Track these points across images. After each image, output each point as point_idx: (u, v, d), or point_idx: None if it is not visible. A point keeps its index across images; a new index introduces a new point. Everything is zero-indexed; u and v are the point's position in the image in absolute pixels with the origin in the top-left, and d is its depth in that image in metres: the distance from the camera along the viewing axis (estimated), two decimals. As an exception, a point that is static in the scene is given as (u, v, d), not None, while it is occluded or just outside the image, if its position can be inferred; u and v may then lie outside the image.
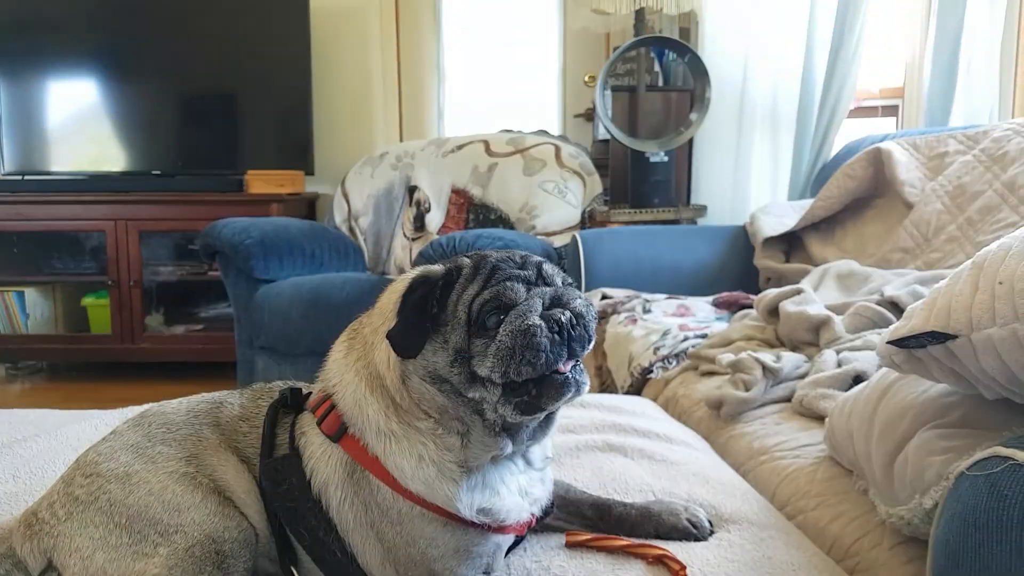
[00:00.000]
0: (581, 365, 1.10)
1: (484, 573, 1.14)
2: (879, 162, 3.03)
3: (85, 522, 1.09)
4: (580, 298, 1.10)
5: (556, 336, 1.04)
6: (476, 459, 1.10)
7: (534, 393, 1.05)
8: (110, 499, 1.09)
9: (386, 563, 1.10)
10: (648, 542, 1.27)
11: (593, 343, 1.10)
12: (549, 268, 1.13)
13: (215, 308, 5.11)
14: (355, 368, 1.14)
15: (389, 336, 1.07)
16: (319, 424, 1.14)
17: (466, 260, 1.12)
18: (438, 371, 1.07)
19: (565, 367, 1.06)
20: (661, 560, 1.22)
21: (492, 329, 1.05)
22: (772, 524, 1.37)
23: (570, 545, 1.29)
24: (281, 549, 1.14)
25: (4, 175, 4.97)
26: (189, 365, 4.79)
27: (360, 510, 1.10)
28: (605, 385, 2.90)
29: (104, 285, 4.81)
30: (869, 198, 3.12)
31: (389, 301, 1.14)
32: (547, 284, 1.11)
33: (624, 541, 1.28)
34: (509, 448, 1.11)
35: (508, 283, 1.07)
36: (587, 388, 1.09)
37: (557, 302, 1.07)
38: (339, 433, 1.12)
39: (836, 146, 3.93)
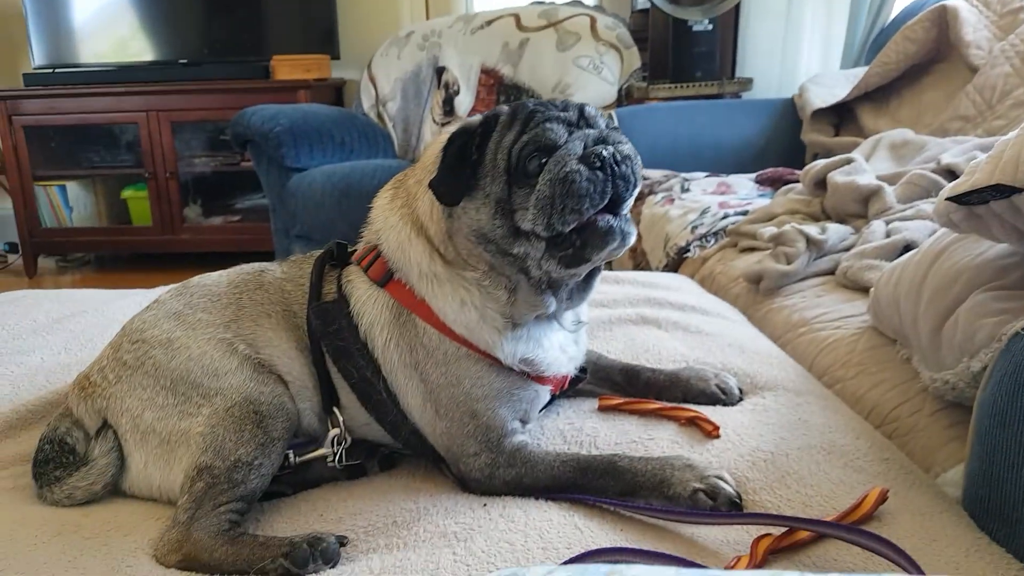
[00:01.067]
0: (627, 214, 1.06)
1: (520, 421, 1.16)
2: (943, 22, 2.80)
3: (134, 385, 1.14)
4: (626, 142, 1.05)
5: (599, 174, 1.00)
6: (521, 317, 1.11)
7: (578, 244, 1.03)
8: (155, 363, 1.14)
9: (427, 404, 1.13)
10: (681, 405, 1.26)
11: (639, 188, 1.06)
12: (592, 110, 1.09)
13: (250, 199, 5.14)
14: (399, 213, 1.16)
15: (431, 184, 1.06)
16: (365, 272, 1.17)
17: (504, 107, 1.09)
18: (482, 229, 1.06)
19: (610, 212, 1.03)
20: (693, 422, 1.21)
21: (533, 176, 1.02)
22: (809, 390, 1.34)
23: (603, 409, 1.29)
24: (325, 390, 1.17)
25: (35, 68, 4.95)
26: (228, 255, 4.85)
27: (405, 351, 1.13)
28: (640, 267, 2.86)
29: (142, 177, 4.84)
30: (929, 63, 2.92)
31: (431, 154, 1.14)
32: (590, 126, 1.06)
33: (656, 404, 1.27)
34: (552, 306, 1.12)
35: (547, 124, 1.03)
36: (633, 238, 1.06)
37: (601, 142, 1.03)
38: (385, 279, 1.15)
39: (897, 7, 3.65)
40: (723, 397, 1.30)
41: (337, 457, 1.16)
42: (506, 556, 0.95)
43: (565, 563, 0.91)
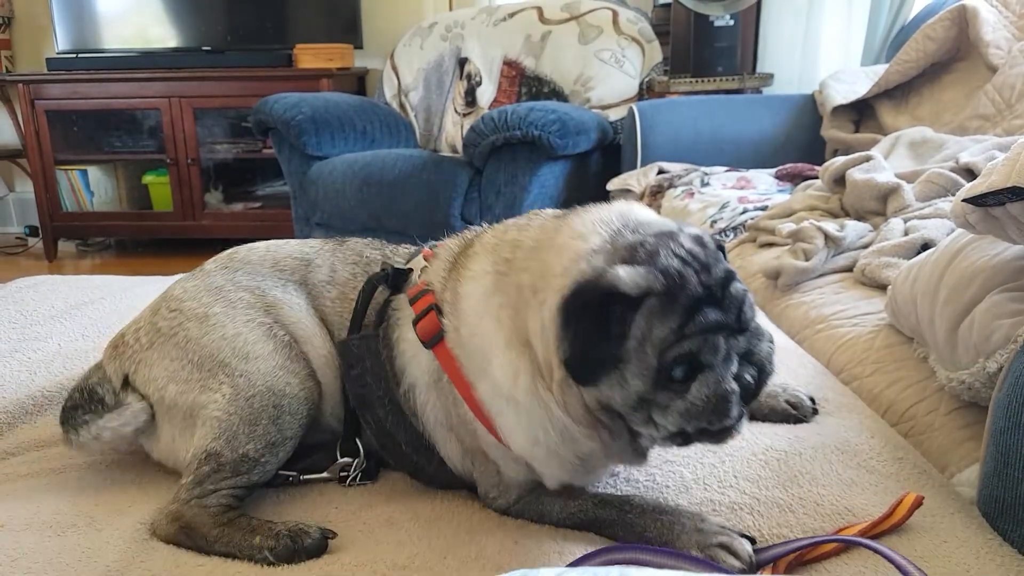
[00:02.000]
0: (745, 411, 0.96)
1: None
2: (963, 21, 2.78)
3: (163, 354, 1.14)
4: (767, 342, 0.96)
5: (742, 400, 0.92)
6: (597, 462, 1.05)
7: (693, 435, 0.94)
8: (187, 336, 1.14)
9: (465, 459, 1.11)
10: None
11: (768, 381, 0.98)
12: (748, 308, 0.94)
13: (271, 186, 5.17)
14: (497, 316, 1.00)
15: (567, 363, 0.91)
16: (415, 323, 1.08)
17: (655, 280, 0.89)
18: (612, 406, 0.94)
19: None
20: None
21: (680, 382, 0.90)
22: (825, 388, 1.35)
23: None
24: (349, 421, 1.17)
25: (58, 53, 4.99)
26: (248, 242, 4.87)
27: (440, 413, 1.09)
28: (659, 260, 2.85)
29: (163, 163, 4.89)
30: (949, 62, 2.90)
31: (556, 266, 0.95)
32: (742, 327, 0.93)
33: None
34: (641, 464, 1.06)
35: (711, 337, 0.89)
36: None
37: (747, 355, 0.93)
38: (434, 340, 1.05)
39: (917, 6, 3.63)
40: (794, 412, 1.25)
41: (348, 481, 1.16)
42: (520, 558, 0.96)
43: (574, 563, 0.91)
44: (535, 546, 0.97)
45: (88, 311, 1.76)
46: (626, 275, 0.89)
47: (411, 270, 1.17)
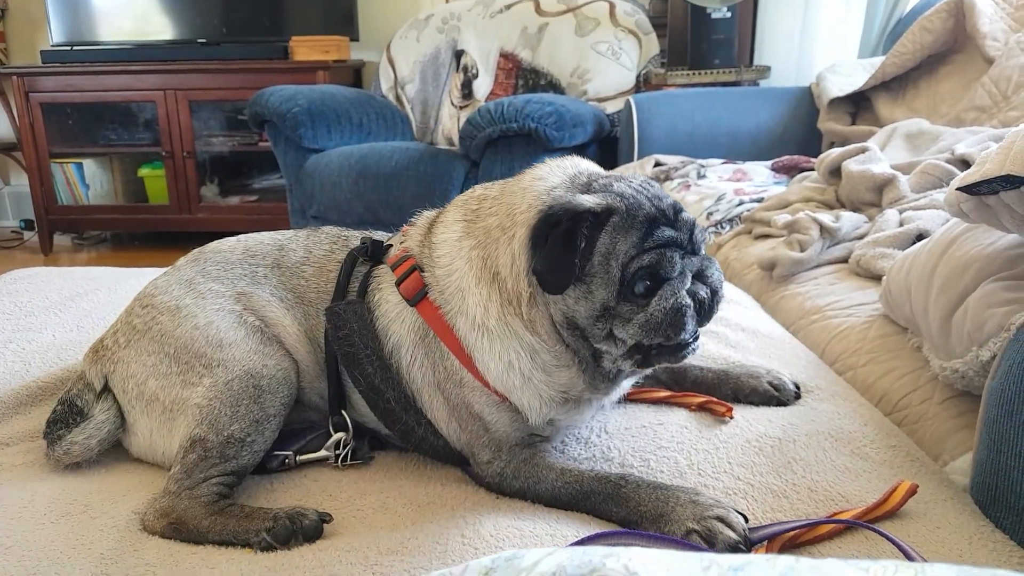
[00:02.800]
0: (699, 330, 1.07)
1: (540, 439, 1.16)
2: (960, 13, 2.78)
3: (140, 350, 1.15)
4: (717, 268, 1.07)
5: (697, 315, 1.03)
6: (575, 391, 1.11)
7: (655, 352, 1.05)
8: (161, 330, 1.15)
9: (451, 419, 1.13)
10: (690, 392, 1.27)
11: (718, 312, 1.09)
12: (699, 233, 1.08)
13: (268, 179, 5.16)
14: (468, 256, 1.11)
15: (536, 272, 1.01)
16: (397, 284, 1.15)
17: (616, 201, 1.02)
18: (576, 320, 1.04)
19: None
20: (704, 407, 1.22)
21: (641, 296, 1.01)
22: (819, 377, 1.35)
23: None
24: (335, 392, 1.18)
25: (53, 46, 4.97)
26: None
27: (428, 371, 1.13)
28: (655, 252, 2.86)
29: (159, 156, 4.88)
30: (945, 54, 2.90)
31: (520, 201, 1.08)
32: (695, 249, 1.06)
33: (666, 392, 1.28)
34: (612, 392, 1.13)
35: (667, 251, 1.02)
36: (699, 348, 1.08)
37: (700, 275, 1.05)
38: (418, 297, 1.12)
39: (913, -2, 3.63)
40: (776, 395, 1.27)
41: (340, 459, 1.17)
42: (514, 540, 0.96)
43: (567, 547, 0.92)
44: (529, 528, 0.97)
45: (82, 302, 1.76)
46: (589, 198, 1.02)
47: (391, 244, 1.22)
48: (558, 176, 1.09)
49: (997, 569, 0.47)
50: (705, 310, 1.04)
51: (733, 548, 0.92)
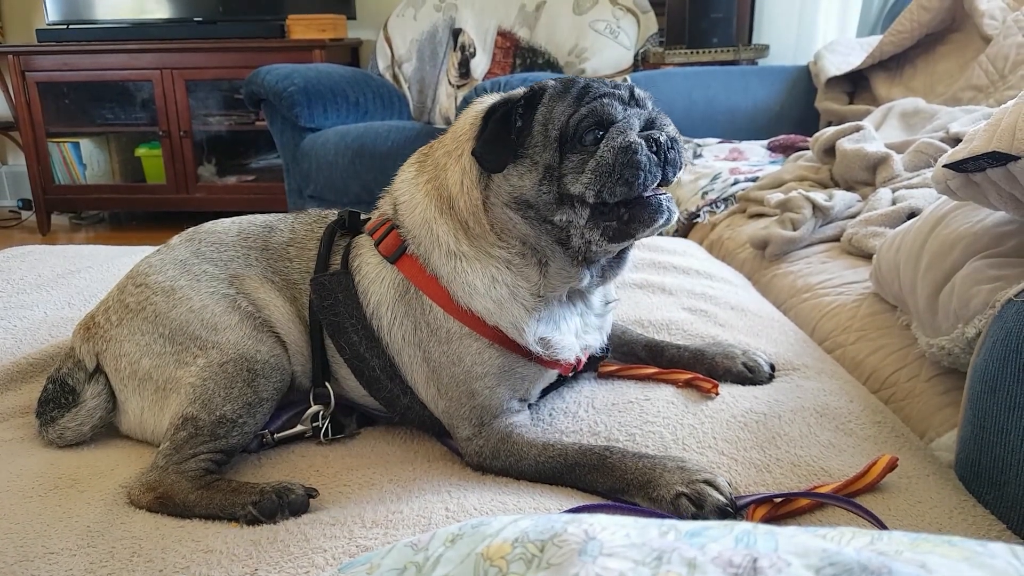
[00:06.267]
0: (670, 194, 1.08)
1: (520, 400, 1.16)
2: (959, -9, 2.76)
3: (133, 329, 1.16)
4: (672, 124, 1.07)
5: (654, 156, 1.02)
6: (553, 289, 1.11)
7: (625, 217, 1.04)
8: (155, 310, 1.16)
9: (430, 383, 1.14)
10: (677, 369, 1.27)
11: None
12: (641, 92, 1.09)
13: (265, 159, 5.15)
14: (425, 189, 1.15)
15: (475, 152, 1.06)
16: (376, 246, 1.17)
17: (550, 82, 1.08)
18: (524, 195, 1.05)
19: (657, 192, 1.05)
20: (690, 384, 1.23)
21: (590, 145, 1.03)
22: (807, 354, 1.35)
23: (602, 375, 1.30)
24: (318, 364, 1.19)
25: (49, 24, 4.94)
26: (242, 215, 4.85)
27: (409, 329, 1.13)
28: (651, 232, 2.86)
29: (156, 136, 4.86)
30: (943, 33, 2.88)
31: (464, 124, 1.13)
32: (640, 106, 1.08)
33: (652, 369, 1.28)
34: (587, 279, 1.12)
35: (605, 99, 1.04)
36: (676, 217, 1.07)
37: (651, 124, 1.05)
38: (397, 254, 1.14)
39: (914, -24, 3.59)
40: (750, 375, 1.27)
41: (323, 432, 1.17)
42: (498, 513, 0.96)
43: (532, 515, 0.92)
44: (513, 502, 0.98)
45: (74, 280, 1.76)
46: (522, 88, 1.08)
47: (368, 217, 1.24)
48: (496, 96, 1.14)
49: (952, 536, 0.48)
50: (664, 153, 1.03)
51: (721, 510, 0.94)
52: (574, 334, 1.16)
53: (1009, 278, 1.08)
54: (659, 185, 1.05)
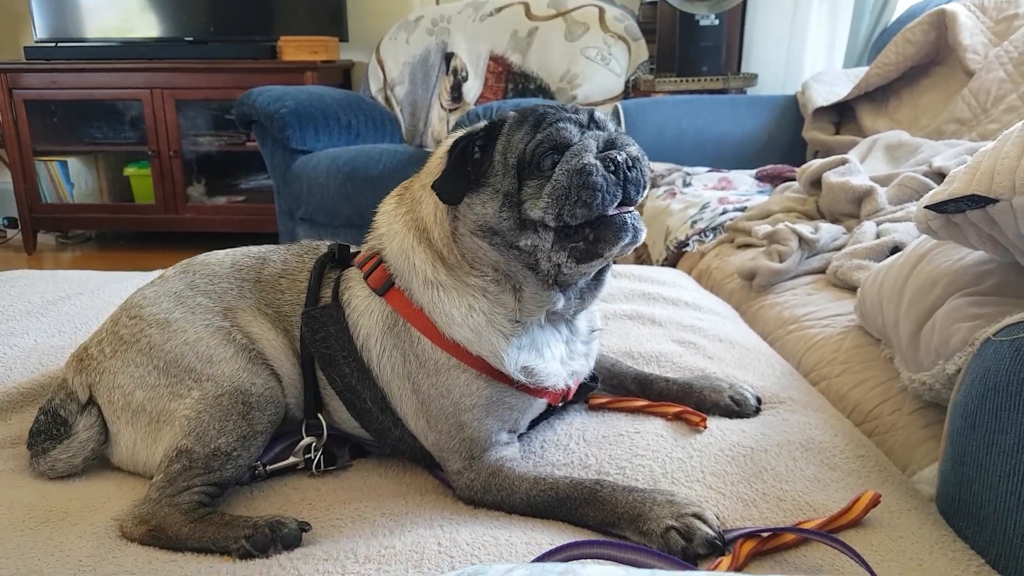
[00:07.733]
0: (637, 212, 1.09)
1: (509, 432, 1.17)
2: (942, 25, 2.82)
3: (127, 361, 1.16)
4: (634, 144, 1.08)
5: (612, 176, 1.03)
6: (530, 314, 1.12)
7: (591, 238, 1.05)
8: (150, 343, 1.16)
9: (420, 415, 1.15)
10: (667, 402, 1.29)
11: (648, 189, 1.09)
12: (600, 115, 1.12)
13: (255, 179, 5.15)
14: (403, 220, 1.18)
15: (434, 186, 1.08)
16: (365, 279, 1.18)
17: (511, 113, 1.11)
18: (488, 222, 1.08)
19: (621, 210, 1.05)
20: (679, 417, 1.25)
21: (547, 170, 1.05)
22: (793, 387, 1.37)
23: (592, 407, 1.32)
24: (310, 396, 1.20)
25: (37, 42, 4.94)
26: (231, 235, 4.87)
27: (398, 361, 1.14)
28: (641, 259, 2.89)
29: (145, 155, 4.85)
30: (927, 66, 2.94)
31: (435, 159, 1.17)
32: (600, 128, 1.10)
33: (642, 402, 1.30)
34: (561, 302, 1.12)
35: (560, 124, 1.06)
36: (644, 234, 1.08)
37: (611, 145, 1.07)
38: (385, 287, 1.16)
39: (899, 9, 3.67)
40: (737, 409, 1.28)
41: (315, 464, 1.18)
42: (490, 549, 0.96)
43: (539, 558, 0.92)
44: (505, 537, 0.99)
45: (65, 307, 1.75)
46: (484, 122, 1.11)
47: (358, 250, 1.26)
48: (462, 133, 1.15)
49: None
50: (623, 172, 1.03)
51: (710, 544, 0.95)
52: (559, 360, 1.17)
53: (988, 316, 1.10)
54: (622, 204, 1.05)
